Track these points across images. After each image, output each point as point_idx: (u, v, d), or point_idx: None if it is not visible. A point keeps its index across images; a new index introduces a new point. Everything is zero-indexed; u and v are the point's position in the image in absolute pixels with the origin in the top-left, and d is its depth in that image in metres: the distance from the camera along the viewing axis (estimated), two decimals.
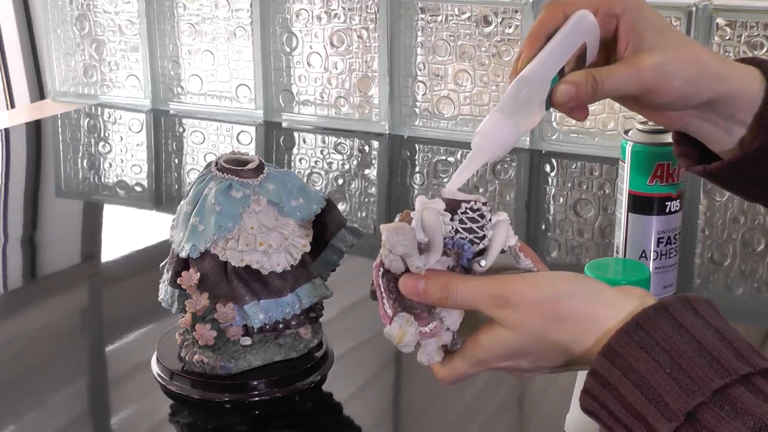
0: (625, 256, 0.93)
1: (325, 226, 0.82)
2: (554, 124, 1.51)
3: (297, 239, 0.77)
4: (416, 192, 1.41)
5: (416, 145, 1.59)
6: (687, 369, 0.48)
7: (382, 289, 0.57)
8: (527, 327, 0.54)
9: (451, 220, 0.56)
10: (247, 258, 0.75)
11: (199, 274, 0.77)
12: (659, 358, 0.49)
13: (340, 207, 1.15)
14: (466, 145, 1.66)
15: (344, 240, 0.83)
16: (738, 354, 0.49)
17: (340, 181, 1.46)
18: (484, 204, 0.57)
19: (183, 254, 0.77)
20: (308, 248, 0.78)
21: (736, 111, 0.69)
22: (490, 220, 0.57)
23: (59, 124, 1.78)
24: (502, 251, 0.57)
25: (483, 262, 0.56)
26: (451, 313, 0.57)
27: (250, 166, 0.78)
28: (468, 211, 0.56)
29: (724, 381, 0.47)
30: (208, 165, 0.79)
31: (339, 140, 1.63)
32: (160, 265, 0.82)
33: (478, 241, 0.56)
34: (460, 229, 0.56)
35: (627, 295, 0.55)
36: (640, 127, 0.91)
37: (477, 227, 0.56)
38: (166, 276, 0.80)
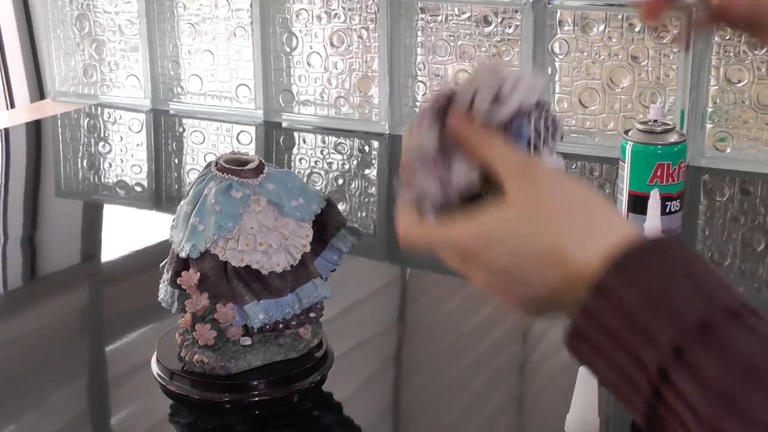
0: None
1: (325, 226, 0.82)
2: None
3: (297, 239, 0.77)
4: None
5: None
6: (676, 302, 0.47)
7: (427, 113, 0.56)
8: (532, 206, 0.51)
9: (536, 115, 0.55)
10: (247, 258, 0.75)
11: (199, 274, 0.77)
12: (649, 291, 0.48)
13: (340, 207, 1.15)
14: None
15: (344, 240, 0.83)
16: (732, 291, 0.48)
17: (340, 181, 1.45)
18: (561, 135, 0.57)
19: (183, 254, 0.77)
20: (308, 248, 0.78)
21: None
22: (553, 139, 0.56)
23: (59, 124, 1.78)
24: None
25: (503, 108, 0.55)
26: (464, 164, 0.55)
27: (250, 166, 0.78)
28: (548, 121, 0.55)
29: (712, 315, 0.46)
30: (208, 165, 0.79)
31: (339, 140, 1.63)
32: (160, 265, 0.82)
33: (533, 141, 0.56)
34: (533, 126, 0.55)
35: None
36: (640, 127, 0.91)
37: (543, 133, 0.55)
38: (166, 276, 0.80)
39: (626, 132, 0.92)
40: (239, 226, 0.76)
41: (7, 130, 1.72)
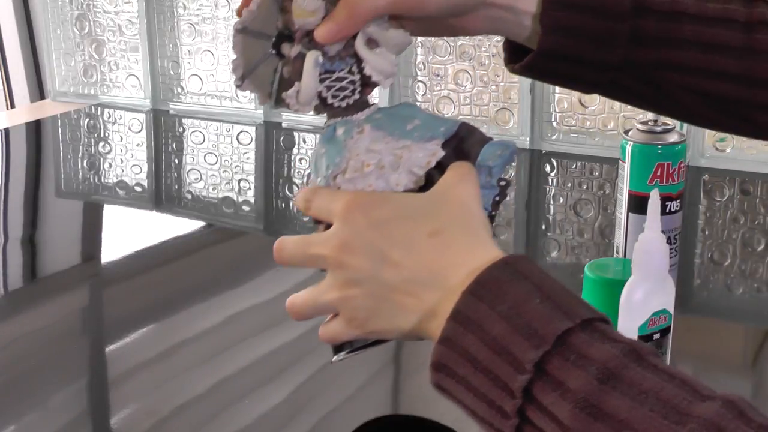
0: (625, 256, 0.93)
1: (467, 154, 0.69)
2: (554, 124, 1.51)
3: (417, 158, 0.66)
4: None
5: None
6: (530, 319, 0.47)
7: None
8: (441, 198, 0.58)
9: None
10: (360, 184, 0.66)
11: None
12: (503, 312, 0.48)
13: None
14: None
15: (491, 155, 0.68)
16: (582, 302, 0.49)
17: None
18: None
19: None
20: (432, 164, 0.66)
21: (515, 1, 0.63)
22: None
23: (59, 124, 1.78)
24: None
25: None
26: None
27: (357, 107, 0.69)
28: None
29: (568, 325, 0.47)
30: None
31: None
32: None
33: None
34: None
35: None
36: (640, 127, 0.91)
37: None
38: None
39: (626, 132, 0.92)
40: (346, 158, 0.67)
41: (7, 130, 1.72)
